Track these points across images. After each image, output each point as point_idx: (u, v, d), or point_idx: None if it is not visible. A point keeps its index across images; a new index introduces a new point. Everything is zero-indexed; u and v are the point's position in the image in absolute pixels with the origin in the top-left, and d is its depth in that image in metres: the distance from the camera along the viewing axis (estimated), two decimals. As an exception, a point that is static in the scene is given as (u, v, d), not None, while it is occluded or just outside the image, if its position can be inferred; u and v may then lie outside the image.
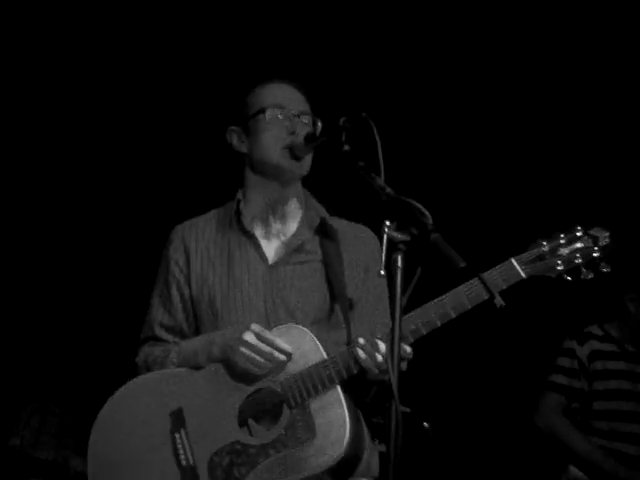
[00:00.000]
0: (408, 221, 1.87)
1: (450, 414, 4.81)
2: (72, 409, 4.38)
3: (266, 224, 2.47)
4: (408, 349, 2.17)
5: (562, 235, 2.20)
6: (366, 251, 2.45)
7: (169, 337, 2.46)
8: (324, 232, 2.46)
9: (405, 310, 2.09)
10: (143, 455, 2.27)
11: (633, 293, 3.82)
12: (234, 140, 2.53)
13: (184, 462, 2.23)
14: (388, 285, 1.89)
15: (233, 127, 2.53)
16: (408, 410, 3.92)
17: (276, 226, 2.47)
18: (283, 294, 2.37)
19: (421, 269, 2.24)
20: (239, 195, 2.51)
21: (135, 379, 2.39)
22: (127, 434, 2.30)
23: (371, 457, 2.29)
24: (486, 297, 2.14)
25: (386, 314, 2.28)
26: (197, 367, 2.32)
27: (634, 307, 3.80)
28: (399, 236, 1.87)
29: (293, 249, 2.42)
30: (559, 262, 2.18)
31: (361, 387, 2.25)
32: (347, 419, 2.12)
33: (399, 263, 1.85)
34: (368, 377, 2.20)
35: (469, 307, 2.15)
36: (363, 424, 2.25)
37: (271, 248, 2.45)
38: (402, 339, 2.08)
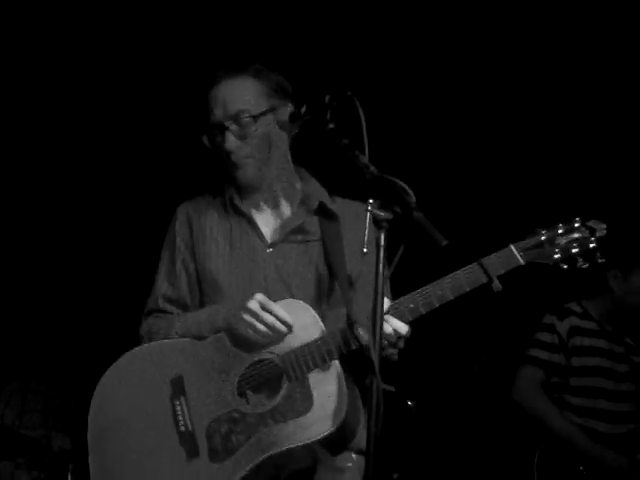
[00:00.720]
0: (391, 199, 1.88)
1: (434, 392, 4.85)
2: (56, 387, 4.39)
3: (259, 208, 2.51)
4: (406, 327, 2.22)
5: (560, 225, 2.28)
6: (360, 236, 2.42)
7: (173, 309, 2.51)
8: (324, 213, 2.49)
9: (403, 290, 2.24)
10: (141, 420, 2.32)
11: (617, 270, 3.82)
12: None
13: (182, 428, 2.28)
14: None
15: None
16: (392, 389, 3.95)
17: (269, 210, 2.51)
18: (282, 272, 2.42)
19: (404, 247, 2.29)
20: (228, 180, 2.54)
21: (138, 347, 2.43)
22: (127, 400, 2.35)
23: (364, 431, 2.32)
24: (484, 281, 2.21)
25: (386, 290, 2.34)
26: (200, 337, 2.36)
27: (616, 285, 3.82)
28: (382, 214, 1.88)
29: (291, 229, 2.46)
30: (556, 250, 2.25)
31: (360, 364, 2.27)
32: (345, 393, 2.17)
33: (382, 241, 1.87)
34: (367, 354, 2.21)
35: (467, 290, 2.22)
36: (360, 401, 2.29)
37: (268, 229, 2.49)
38: (401, 318, 2.20)
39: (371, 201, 1.89)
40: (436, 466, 4.81)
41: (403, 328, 2.21)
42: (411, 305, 2.22)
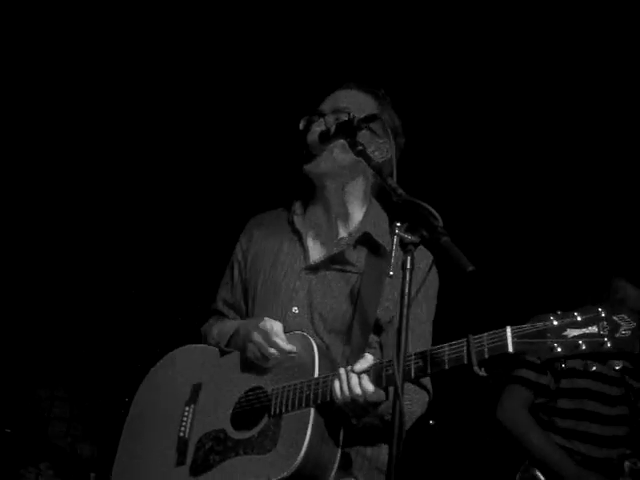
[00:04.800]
0: (419, 223, 1.89)
1: (456, 411, 4.84)
2: (81, 394, 4.43)
3: (316, 228, 2.51)
4: (374, 396, 2.09)
5: (577, 313, 1.90)
6: (416, 278, 2.00)
7: (230, 313, 2.59)
8: (369, 245, 2.42)
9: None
10: (161, 413, 2.43)
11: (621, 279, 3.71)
12: None
13: (181, 434, 2.35)
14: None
15: None
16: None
17: (323, 231, 2.50)
18: (311, 295, 2.39)
19: (432, 266, 2.27)
20: (299, 196, 2.58)
21: (186, 346, 2.54)
22: (160, 390, 2.49)
23: None
24: (465, 363, 1.96)
25: (415, 343, 2.20)
26: (226, 350, 2.42)
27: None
28: (409, 237, 1.89)
29: (333, 255, 2.42)
30: (556, 344, 1.88)
31: (338, 416, 2.18)
32: (305, 444, 2.09)
33: (408, 264, 1.88)
34: (335, 408, 2.14)
35: (446, 368, 1.99)
36: (332, 454, 2.16)
37: (316, 250, 2.47)
38: (376, 380, 2.07)
39: (398, 224, 1.90)
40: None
41: (372, 396, 2.08)
42: (389, 371, 2.06)
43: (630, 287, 3.62)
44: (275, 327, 2.25)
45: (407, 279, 1.86)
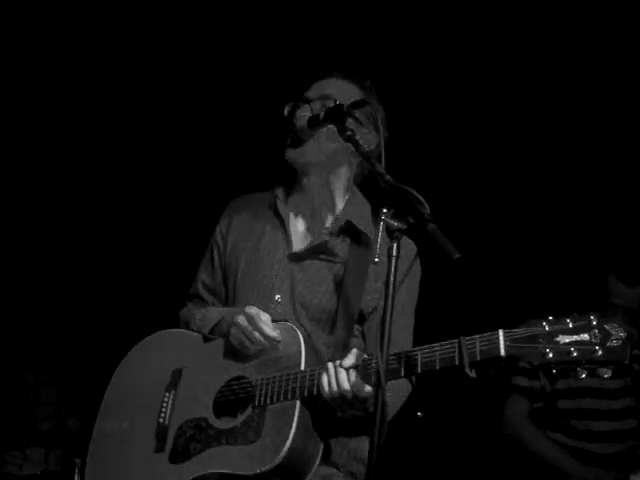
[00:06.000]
0: (406, 209, 1.86)
1: (444, 403, 4.83)
2: (66, 377, 4.41)
3: (298, 214, 2.48)
4: (364, 391, 2.06)
5: (569, 320, 1.91)
6: (401, 267, 1.97)
7: (209, 297, 2.55)
8: (356, 237, 2.40)
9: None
10: (139, 400, 2.39)
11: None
12: None
13: (161, 420, 2.31)
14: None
15: None
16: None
17: (307, 218, 2.47)
18: (294, 283, 2.37)
19: (417, 257, 2.26)
20: (282, 182, 2.54)
21: (163, 330, 2.50)
22: (138, 376, 2.45)
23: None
24: (457, 364, 1.95)
25: (398, 333, 2.16)
26: (209, 336, 2.39)
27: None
28: (396, 224, 1.86)
29: (314, 246, 2.40)
30: (548, 350, 1.89)
31: (324, 409, 2.16)
32: (290, 438, 2.07)
33: (394, 251, 1.85)
34: (320, 404, 2.13)
35: (437, 368, 1.98)
36: (318, 444, 2.16)
37: (298, 237, 2.45)
38: (365, 377, 2.04)
39: (385, 210, 1.87)
40: (444, 476, 4.79)
41: (360, 392, 2.06)
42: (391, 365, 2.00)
43: (620, 285, 3.63)
44: (262, 314, 2.22)
45: (392, 267, 1.83)
